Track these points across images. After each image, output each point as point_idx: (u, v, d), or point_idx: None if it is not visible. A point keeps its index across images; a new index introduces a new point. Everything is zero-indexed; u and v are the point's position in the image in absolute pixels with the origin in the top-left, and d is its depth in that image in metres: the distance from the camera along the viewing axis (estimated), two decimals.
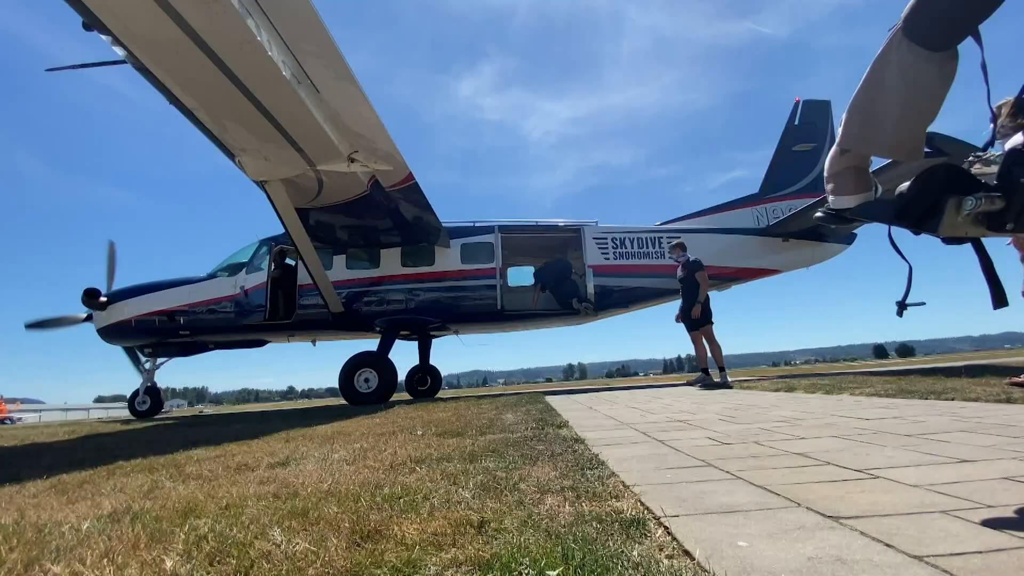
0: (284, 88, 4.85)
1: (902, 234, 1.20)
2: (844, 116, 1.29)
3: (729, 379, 6.49)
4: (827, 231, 8.66)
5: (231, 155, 6.16)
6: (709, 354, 6.60)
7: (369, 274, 8.68)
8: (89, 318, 9.05)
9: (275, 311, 8.40)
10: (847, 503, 1.06)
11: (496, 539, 0.90)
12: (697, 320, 6.55)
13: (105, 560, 0.93)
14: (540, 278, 9.37)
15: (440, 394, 10.35)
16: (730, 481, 1.31)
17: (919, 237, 1.17)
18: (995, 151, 1.12)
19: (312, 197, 7.15)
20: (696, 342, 6.62)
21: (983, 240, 1.11)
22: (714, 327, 6.67)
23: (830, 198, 1.35)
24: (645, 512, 1.06)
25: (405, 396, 9.93)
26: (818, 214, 1.43)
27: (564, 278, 9.11)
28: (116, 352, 9.45)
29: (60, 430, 6.21)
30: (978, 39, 1.08)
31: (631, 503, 1.13)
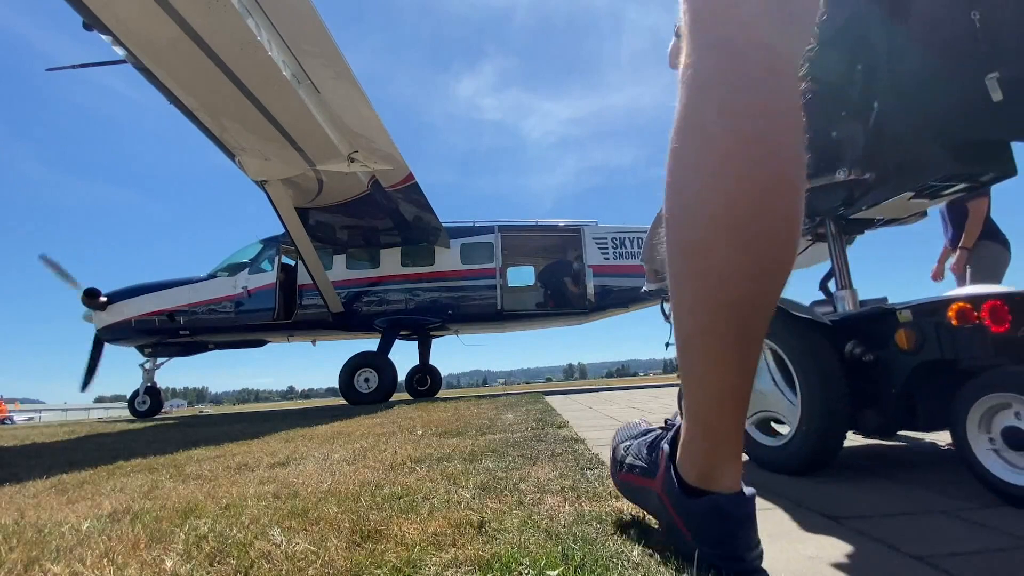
0: (284, 88, 4.86)
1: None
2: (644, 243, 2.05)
3: None
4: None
5: (231, 155, 6.17)
6: None
7: (369, 274, 8.69)
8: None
9: (280, 311, 8.42)
10: (848, 503, 1.06)
11: (496, 539, 0.90)
12: None
13: (105, 560, 0.93)
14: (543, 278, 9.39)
15: (440, 394, 10.35)
16: None
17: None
18: None
19: (312, 197, 7.15)
20: None
21: None
22: None
23: (646, 282, 2.09)
24: (645, 512, 1.06)
25: (405, 396, 9.93)
26: (643, 289, 2.23)
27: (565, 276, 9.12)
28: (116, 352, 9.45)
29: (60, 430, 6.21)
30: None
31: (632, 503, 1.13)
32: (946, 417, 1.05)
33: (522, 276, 10.31)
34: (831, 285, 1.60)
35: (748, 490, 0.73)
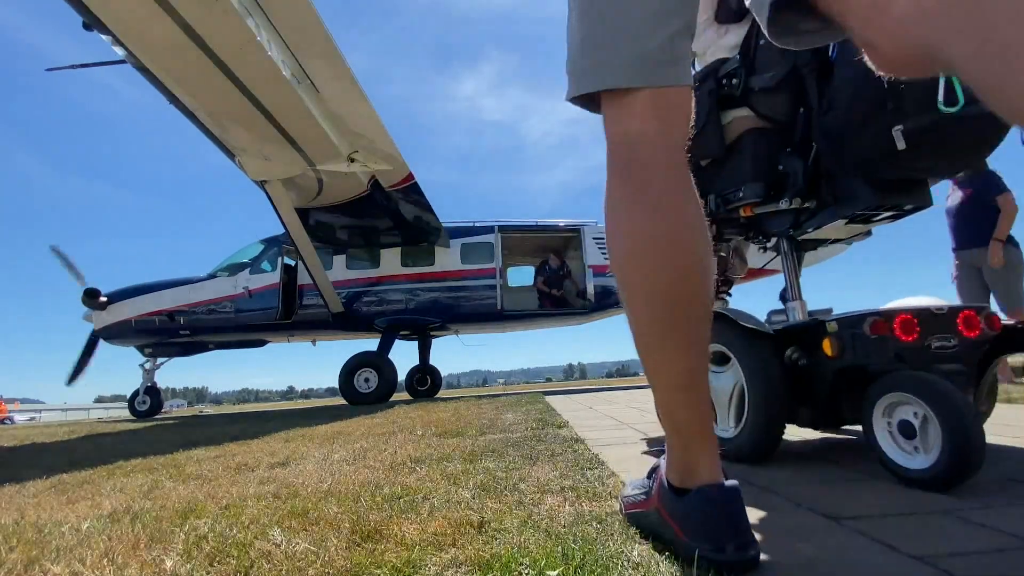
0: (284, 88, 4.85)
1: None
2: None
3: None
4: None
5: (231, 155, 6.16)
6: None
7: (369, 274, 8.68)
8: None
9: (282, 311, 8.42)
10: (847, 503, 1.06)
11: (496, 539, 0.90)
12: None
13: (105, 560, 0.93)
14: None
15: (440, 394, 10.35)
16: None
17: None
18: None
19: (312, 197, 7.15)
20: None
21: None
22: None
23: None
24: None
25: (405, 396, 9.93)
26: None
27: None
28: (116, 352, 9.45)
29: (60, 430, 6.22)
30: None
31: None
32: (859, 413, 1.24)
33: (522, 276, 10.32)
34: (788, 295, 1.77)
35: (730, 482, 0.80)
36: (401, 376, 8.87)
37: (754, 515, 1.01)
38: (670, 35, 0.83)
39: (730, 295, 2.33)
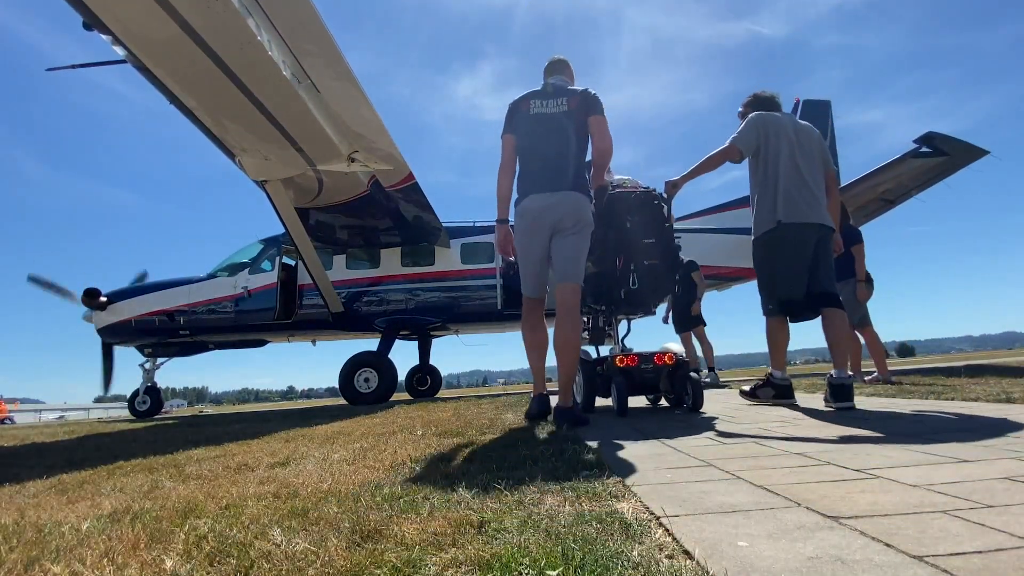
0: (284, 88, 4.85)
1: None
2: None
3: (720, 379, 6.55)
4: None
5: (231, 155, 6.15)
6: (700, 355, 6.69)
7: (369, 274, 8.67)
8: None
9: (281, 311, 8.40)
10: (847, 503, 1.06)
11: (496, 539, 0.90)
12: (687, 321, 6.63)
13: (105, 560, 0.93)
14: None
15: (440, 394, 10.35)
16: (730, 481, 1.31)
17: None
18: None
19: (312, 197, 7.14)
20: (686, 343, 6.64)
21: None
22: (706, 328, 6.75)
23: None
24: (645, 512, 1.06)
25: (405, 396, 9.92)
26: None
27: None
28: (116, 352, 9.44)
29: (60, 430, 6.21)
30: None
31: (631, 503, 1.13)
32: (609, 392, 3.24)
33: None
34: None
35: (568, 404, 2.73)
36: (401, 376, 8.86)
37: (754, 515, 1.02)
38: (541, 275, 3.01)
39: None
